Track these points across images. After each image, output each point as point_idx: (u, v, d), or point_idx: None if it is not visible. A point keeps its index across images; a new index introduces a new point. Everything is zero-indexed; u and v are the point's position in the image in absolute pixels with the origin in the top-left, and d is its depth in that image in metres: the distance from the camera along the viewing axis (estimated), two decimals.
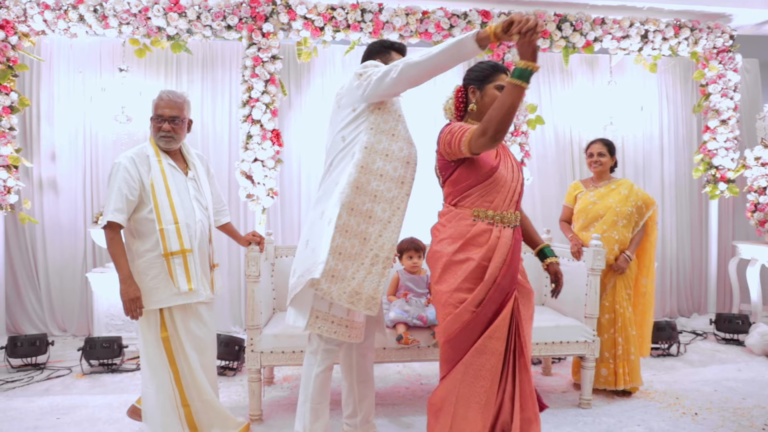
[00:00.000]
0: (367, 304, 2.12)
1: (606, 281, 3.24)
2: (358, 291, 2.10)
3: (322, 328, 2.17)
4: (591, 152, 3.37)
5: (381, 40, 2.46)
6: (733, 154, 4.88)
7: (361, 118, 2.18)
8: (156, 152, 2.43)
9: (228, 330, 4.70)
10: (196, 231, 2.42)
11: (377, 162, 2.15)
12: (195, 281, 2.39)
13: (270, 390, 3.33)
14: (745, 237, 5.50)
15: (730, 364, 3.84)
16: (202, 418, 2.46)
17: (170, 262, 2.34)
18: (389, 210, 2.17)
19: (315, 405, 2.26)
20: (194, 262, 2.40)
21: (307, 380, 2.27)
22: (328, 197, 2.20)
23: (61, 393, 3.27)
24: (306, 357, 2.30)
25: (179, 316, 2.40)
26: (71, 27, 4.16)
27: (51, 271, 4.66)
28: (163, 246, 2.33)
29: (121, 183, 2.32)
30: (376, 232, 2.15)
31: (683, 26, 4.75)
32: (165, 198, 2.36)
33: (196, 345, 2.45)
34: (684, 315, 5.43)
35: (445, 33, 4.41)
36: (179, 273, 2.35)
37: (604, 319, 3.22)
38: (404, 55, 2.39)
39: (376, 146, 2.16)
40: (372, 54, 2.38)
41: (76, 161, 4.67)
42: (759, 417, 2.93)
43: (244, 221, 4.85)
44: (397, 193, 2.19)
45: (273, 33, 4.25)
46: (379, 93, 2.14)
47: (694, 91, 5.43)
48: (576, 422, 2.86)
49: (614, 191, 3.30)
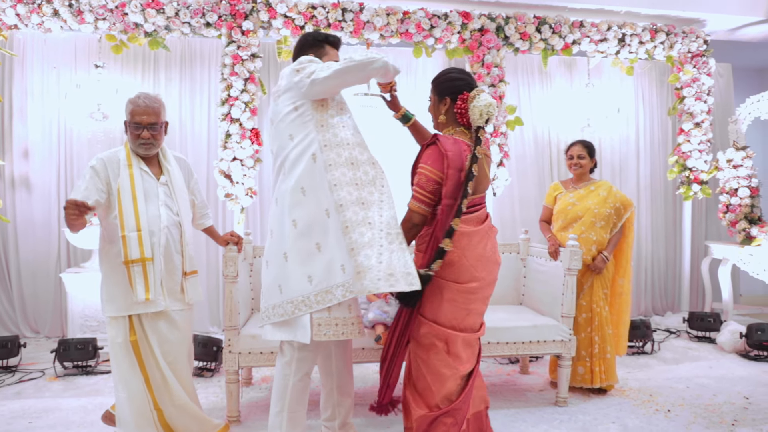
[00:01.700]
0: (407, 280, 1.97)
1: (583, 281, 3.29)
2: (392, 272, 1.95)
3: (328, 333, 2.10)
4: (571, 154, 3.41)
5: (314, 32, 2.39)
6: (706, 156, 4.99)
7: (305, 115, 2.15)
8: (128, 157, 2.39)
9: (206, 330, 4.66)
10: (161, 238, 2.37)
11: (343, 153, 2.13)
12: (153, 291, 2.32)
13: (248, 391, 3.31)
14: (717, 237, 5.63)
15: (702, 362, 3.93)
16: (177, 422, 2.43)
17: (130, 270, 2.30)
18: (376, 191, 2.14)
19: (292, 414, 2.23)
20: (154, 271, 2.34)
21: (282, 390, 2.22)
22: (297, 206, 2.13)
23: (33, 396, 3.20)
24: (280, 367, 2.25)
25: (147, 321, 2.37)
26: (45, 21, 4.07)
27: (23, 271, 4.56)
28: (123, 253, 2.29)
29: (89, 182, 2.31)
30: (377, 214, 2.09)
31: (659, 30, 4.84)
32: (130, 204, 2.33)
33: (169, 349, 2.41)
34: (658, 313, 5.54)
35: (426, 33, 4.42)
36: (138, 282, 2.30)
37: (581, 318, 3.26)
38: (338, 47, 2.37)
39: (333, 140, 2.14)
40: (305, 47, 2.33)
41: (50, 159, 4.58)
42: (729, 413, 3.00)
43: (222, 221, 4.81)
44: (374, 173, 2.18)
45: (253, 31, 4.21)
46: (318, 91, 2.13)
47: (669, 94, 5.54)
48: (552, 420, 2.90)
49: (593, 193, 3.35)
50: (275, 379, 2.27)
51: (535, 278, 3.43)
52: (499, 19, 4.56)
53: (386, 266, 1.96)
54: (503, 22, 4.56)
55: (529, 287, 3.50)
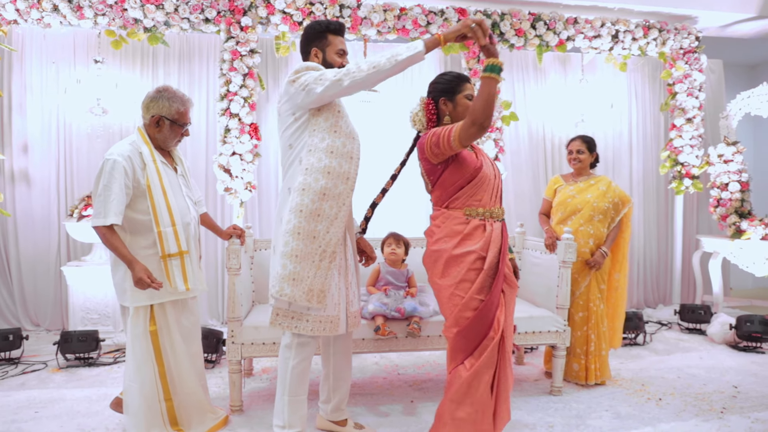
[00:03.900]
0: (318, 298, 2.21)
1: (581, 279, 3.32)
2: (312, 288, 2.19)
3: (282, 324, 2.23)
4: (571, 149, 3.47)
5: (315, 22, 2.39)
6: (697, 151, 5.08)
7: (302, 121, 2.24)
8: (151, 150, 2.40)
9: (206, 323, 4.71)
10: (191, 230, 2.45)
11: (323, 160, 2.20)
12: (192, 280, 2.42)
13: (249, 381, 3.37)
14: (708, 231, 5.72)
15: (693, 353, 4.02)
16: (183, 412, 2.50)
17: (167, 263, 2.35)
18: (336, 206, 2.23)
19: (292, 398, 2.30)
20: (191, 261, 2.43)
21: (283, 373, 2.31)
22: (284, 205, 2.28)
23: (37, 387, 3.25)
24: (281, 350, 2.34)
25: (171, 310, 2.43)
26: (44, 17, 4.09)
27: (23, 265, 4.58)
28: (161, 248, 2.34)
29: (121, 183, 2.28)
30: (324, 229, 2.21)
31: (652, 27, 4.91)
32: (162, 199, 2.35)
33: (185, 336, 2.49)
34: (650, 306, 5.63)
35: (422, 30, 4.47)
36: (176, 274, 2.36)
37: (578, 317, 3.31)
38: (342, 33, 2.38)
39: (319, 144, 2.21)
40: (309, 41, 2.36)
41: (49, 153, 4.60)
42: (718, 401, 3.09)
43: (221, 215, 4.85)
44: (343, 189, 2.25)
45: (251, 27, 4.25)
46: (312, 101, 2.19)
47: (661, 89, 5.62)
48: (547, 408, 2.98)
49: (593, 187, 3.40)
50: (279, 363, 2.35)
51: (531, 270, 3.50)
52: (495, 16, 4.62)
53: (310, 282, 2.19)
54: (499, 19, 4.62)
55: (525, 279, 3.57)
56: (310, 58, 2.36)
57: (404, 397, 3.13)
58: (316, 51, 2.34)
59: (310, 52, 2.36)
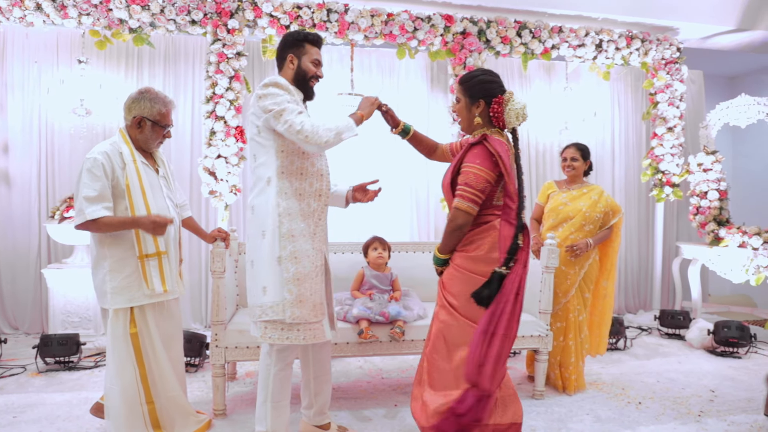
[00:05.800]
0: (321, 311, 2.30)
1: (568, 288, 3.31)
2: (315, 303, 2.26)
3: (273, 337, 2.23)
4: (565, 156, 3.49)
5: (295, 31, 2.41)
6: (678, 159, 5.17)
7: (266, 138, 2.24)
8: (131, 151, 2.40)
9: (189, 326, 4.67)
10: (170, 231, 2.43)
11: (294, 183, 2.26)
12: (169, 282, 2.41)
13: (233, 385, 3.35)
14: (687, 238, 5.83)
15: (672, 357, 4.09)
16: (165, 415, 2.47)
17: (145, 264, 2.34)
18: (313, 224, 2.30)
19: (275, 404, 2.31)
20: (169, 262, 2.41)
21: (265, 380, 2.31)
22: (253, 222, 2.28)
23: (15, 391, 3.19)
24: (261, 358, 2.33)
25: (150, 313, 2.41)
26: (27, 15, 4.04)
27: (2, 267, 4.51)
28: (138, 248, 2.33)
29: (104, 179, 2.29)
30: (317, 247, 2.31)
31: (635, 37, 5.00)
32: (140, 199, 2.35)
33: (165, 339, 2.46)
34: (631, 311, 5.71)
35: (409, 35, 4.50)
36: (154, 275, 2.35)
37: (555, 327, 3.32)
38: (319, 46, 2.39)
39: (290, 167, 2.25)
40: (286, 47, 2.36)
41: (30, 153, 4.54)
42: (696, 405, 3.15)
43: (206, 217, 4.82)
44: (317, 206, 2.32)
45: (238, 29, 4.24)
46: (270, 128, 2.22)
47: (643, 99, 5.72)
48: (530, 412, 3.00)
49: (585, 195, 3.41)
50: (259, 370, 2.34)
51: None
52: (481, 23, 4.67)
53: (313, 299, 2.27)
54: (485, 26, 4.67)
55: None
56: (285, 64, 2.35)
57: (388, 401, 3.14)
58: (292, 57, 2.33)
59: (285, 58, 2.35)
